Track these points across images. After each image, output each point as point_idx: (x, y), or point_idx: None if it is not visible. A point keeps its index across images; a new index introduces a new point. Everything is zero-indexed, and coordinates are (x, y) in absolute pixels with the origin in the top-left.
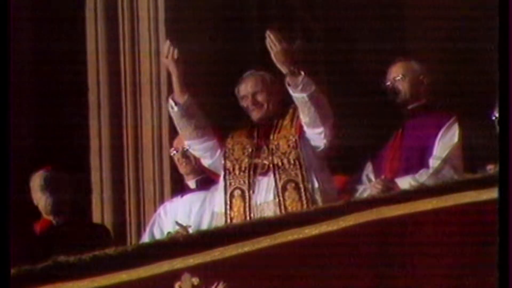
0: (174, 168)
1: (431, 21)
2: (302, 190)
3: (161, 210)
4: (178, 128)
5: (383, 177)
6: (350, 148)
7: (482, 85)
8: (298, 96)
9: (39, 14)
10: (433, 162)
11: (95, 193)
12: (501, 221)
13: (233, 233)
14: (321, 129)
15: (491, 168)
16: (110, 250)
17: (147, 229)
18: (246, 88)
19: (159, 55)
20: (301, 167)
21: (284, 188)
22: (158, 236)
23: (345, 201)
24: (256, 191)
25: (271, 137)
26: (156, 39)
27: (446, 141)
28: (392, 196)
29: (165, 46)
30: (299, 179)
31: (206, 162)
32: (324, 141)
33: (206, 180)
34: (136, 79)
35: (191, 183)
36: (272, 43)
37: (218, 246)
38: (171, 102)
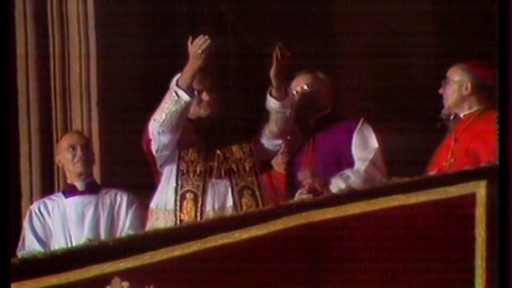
0: None
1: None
2: (259, 197)
3: (36, 207)
4: (165, 115)
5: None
6: None
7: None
8: (277, 105)
9: None
10: (358, 164)
11: (25, 197)
12: (501, 220)
13: (163, 237)
14: (279, 142)
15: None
16: (40, 254)
17: (26, 226)
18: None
19: (89, 58)
20: (256, 175)
21: (240, 194)
22: (41, 233)
23: (275, 205)
24: (212, 196)
25: (222, 140)
26: (86, 43)
27: (361, 143)
28: (321, 200)
29: (200, 39)
30: (255, 186)
31: (159, 154)
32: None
33: (95, 184)
34: (66, 83)
35: (80, 184)
36: (281, 55)
37: (148, 250)
38: (180, 90)
